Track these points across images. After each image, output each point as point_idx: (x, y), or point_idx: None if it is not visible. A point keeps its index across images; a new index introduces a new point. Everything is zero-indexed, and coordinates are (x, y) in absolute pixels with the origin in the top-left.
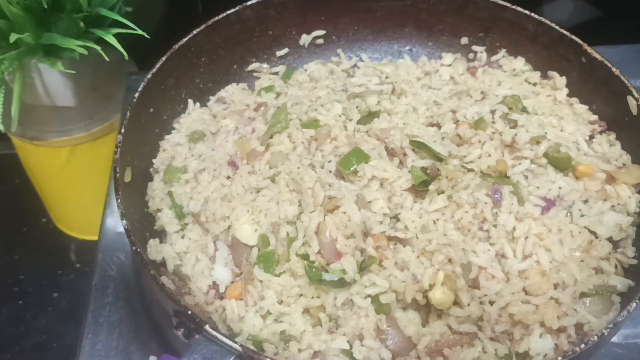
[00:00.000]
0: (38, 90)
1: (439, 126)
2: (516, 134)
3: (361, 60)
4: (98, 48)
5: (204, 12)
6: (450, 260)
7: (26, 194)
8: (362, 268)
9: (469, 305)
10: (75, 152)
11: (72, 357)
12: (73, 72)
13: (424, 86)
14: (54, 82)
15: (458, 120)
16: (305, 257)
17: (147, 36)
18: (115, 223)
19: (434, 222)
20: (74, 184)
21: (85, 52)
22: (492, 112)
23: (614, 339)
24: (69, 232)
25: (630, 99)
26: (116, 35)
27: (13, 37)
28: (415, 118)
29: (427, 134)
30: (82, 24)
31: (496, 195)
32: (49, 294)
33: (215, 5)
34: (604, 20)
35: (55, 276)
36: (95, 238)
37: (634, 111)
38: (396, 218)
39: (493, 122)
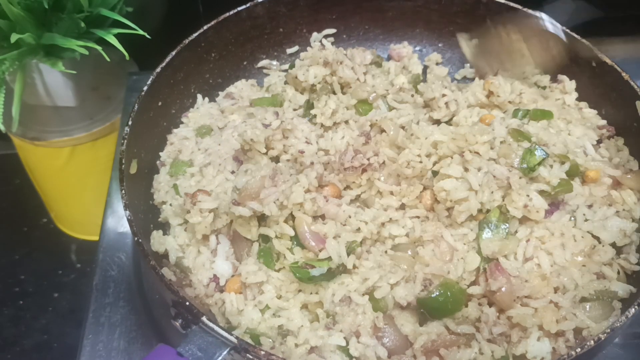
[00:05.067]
0: (39, 91)
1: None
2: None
3: None
4: (99, 48)
5: (205, 12)
6: None
7: (27, 194)
8: (349, 253)
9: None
10: (75, 152)
11: (72, 357)
12: (74, 72)
13: None
14: (54, 82)
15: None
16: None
17: (147, 36)
18: (116, 223)
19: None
20: (74, 184)
21: (86, 52)
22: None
23: (615, 339)
24: (69, 232)
25: (639, 104)
26: (117, 36)
27: (14, 37)
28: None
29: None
30: (83, 24)
31: None
32: (50, 294)
33: (216, 5)
34: (604, 21)
35: (56, 276)
36: (96, 238)
37: None
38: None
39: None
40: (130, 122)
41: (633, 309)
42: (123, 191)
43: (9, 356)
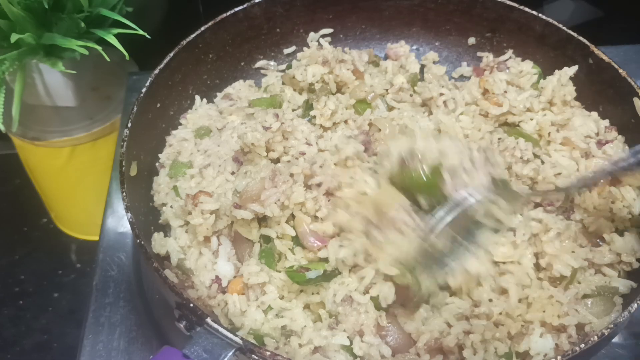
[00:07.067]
0: (39, 91)
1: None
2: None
3: None
4: (99, 48)
5: (205, 12)
6: None
7: (27, 194)
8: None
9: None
10: (75, 152)
11: (72, 357)
12: (74, 72)
13: None
14: (54, 82)
15: None
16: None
17: (147, 36)
18: (116, 223)
19: None
20: (74, 184)
21: (86, 52)
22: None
23: (615, 339)
24: (69, 232)
25: (636, 101)
26: (117, 36)
27: (14, 37)
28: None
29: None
30: (83, 24)
31: None
32: (50, 294)
33: (215, 5)
34: (604, 21)
35: (56, 276)
36: (96, 238)
37: None
38: None
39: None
40: (129, 125)
41: (635, 304)
42: (124, 193)
43: (9, 356)
